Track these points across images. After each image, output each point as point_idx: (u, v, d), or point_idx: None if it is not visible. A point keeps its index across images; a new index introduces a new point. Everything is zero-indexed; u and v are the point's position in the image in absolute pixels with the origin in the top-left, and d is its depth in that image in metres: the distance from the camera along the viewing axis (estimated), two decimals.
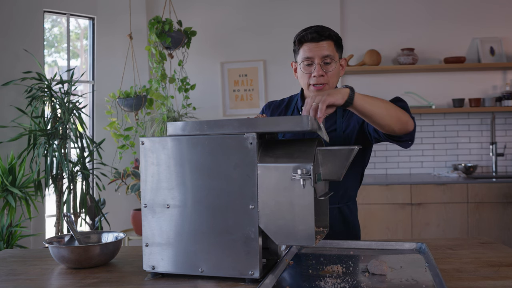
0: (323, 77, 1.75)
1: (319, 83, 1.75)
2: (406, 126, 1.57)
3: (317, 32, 1.74)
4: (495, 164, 4.32)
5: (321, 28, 1.76)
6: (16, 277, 1.40)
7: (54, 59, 4.54)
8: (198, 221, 1.29)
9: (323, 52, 1.74)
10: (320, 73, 1.74)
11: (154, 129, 3.83)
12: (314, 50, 1.74)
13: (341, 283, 1.22)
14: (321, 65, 1.74)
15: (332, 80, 1.77)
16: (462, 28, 4.44)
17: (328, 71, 1.75)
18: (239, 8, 4.53)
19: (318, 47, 1.74)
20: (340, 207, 1.85)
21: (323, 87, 1.76)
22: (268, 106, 2.01)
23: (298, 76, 1.85)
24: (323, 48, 1.74)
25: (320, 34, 1.74)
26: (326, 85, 1.76)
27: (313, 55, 1.74)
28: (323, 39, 1.74)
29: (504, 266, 1.37)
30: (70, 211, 3.56)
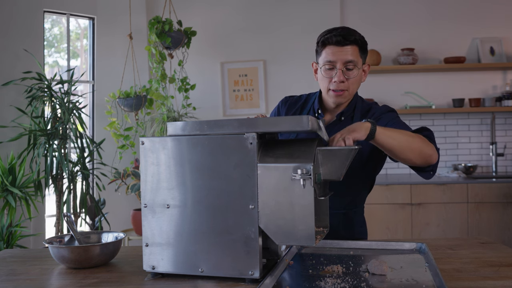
0: (344, 83, 1.69)
1: (339, 89, 1.70)
2: (429, 159, 1.54)
3: (342, 36, 1.65)
4: (495, 164, 4.32)
5: (347, 31, 1.68)
6: (16, 277, 1.40)
7: (55, 59, 4.54)
8: (198, 221, 1.29)
9: (347, 57, 1.66)
10: (341, 79, 1.68)
11: (154, 129, 3.83)
12: (337, 54, 1.66)
13: (341, 283, 1.22)
14: (343, 71, 1.67)
15: (352, 87, 1.71)
16: (462, 28, 4.44)
17: (349, 77, 1.68)
18: (239, 8, 4.53)
19: (342, 51, 1.66)
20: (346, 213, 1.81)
21: (342, 94, 1.71)
22: (284, 102, 1.94)
23: (318, 78, 1.78)
24: (347, 53, 1.66)
25: (345, 38, 1.65)
26: (345, 91, 1.71)
27: (336, 59, 1.67)
28: (348, 43, 1.66)
29: (504, 266, 1.37)
30: (70, 211, 3.56)
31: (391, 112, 1.75)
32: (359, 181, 1.79)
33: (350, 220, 1.83)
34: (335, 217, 1.75)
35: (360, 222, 1.88)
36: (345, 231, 1.80)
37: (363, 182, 1.82)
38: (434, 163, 1.57)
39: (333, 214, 1.73)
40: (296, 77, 4.46)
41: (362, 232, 1.88)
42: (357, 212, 1.86)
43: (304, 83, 4.39)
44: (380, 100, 4.46)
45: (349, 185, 1.70)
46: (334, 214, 1.74)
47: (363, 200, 1.88)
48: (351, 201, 1.82)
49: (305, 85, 4.42)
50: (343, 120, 1.78)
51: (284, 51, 4.45)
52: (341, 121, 1.79)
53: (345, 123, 1.78)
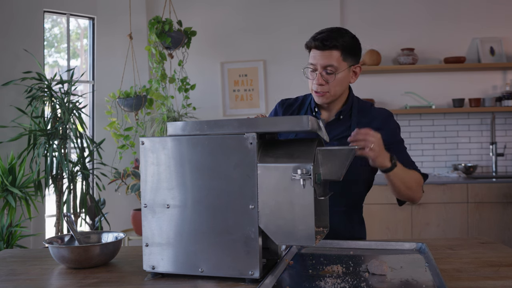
0: (323, 86, 1.72)
1: (320, 91, 1.74)
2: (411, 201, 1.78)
3: (322, 40, 1.69)
4: (495, 164, 4.32)
5: (328, 36, 1.70)
6: (16, 277, 1.40)
7: (55, 59, 4.54)
8: (198, 221, 1.29)
9: (325, 62, 1.69)
10: (320, 82, 1.72)
11: (154, 129, 3.83)
12: (317, 58, 1.71)
13: (341, 283, 1.22)
14: (323, 74, 1.71)
15: (334, 89, 1.74)
16: (462, 28, 4.44)
17: (329, 80, 1.71)
18: (239, 8, 4.53)
19: (321, 55, 1.70)
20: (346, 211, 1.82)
21: (324, 95, 1.74)
22: (281, 104, 1.97)
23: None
24: (326, 58, 1.69)
25: (324, 44, 1.68)
26: (327, 93, 1.74)
27: (316, 62, 1.72)
28: (327, 48, 1.69)
29: (504, 266, 1.37)
30: (70, 211, 3.56)
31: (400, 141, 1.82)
32: (359, 181, 1.81)
33: (350, 219, 1.83)
34: (335, 216, 1.75)
35: (359, 221, 1.89)
36: (345, 230, 1.81)
37: (362, 182, 1.84)
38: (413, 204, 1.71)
39: (333, 212, 1.73)
40: (296, 77, 4.45)
41: (361, 231, 1.89)
42: (356, 211, 1.87)
43: (304, 83, 4.37)
44: (380, 100, 4.46)
45: (349, 185, 1.71)
46: (334, 213, 1.74)
47: (362, 200, 1.90)
48: (351, 201, 1.84)
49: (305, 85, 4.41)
50: (341, 118, 1.82)
51: (284, 51, 4.45)
52: (340, 120, 1.82)
53: (344, 122, 1.81)
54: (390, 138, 1.73)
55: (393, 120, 1.83)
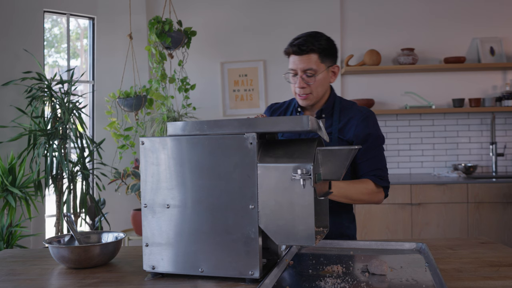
0: (305, 88, 1.80)
1: (303, 93, 1.81)
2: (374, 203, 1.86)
3: (299, 46, 1.77)
4: (495, 164, 4.32)
5: (305, 41, 1.78)
6: (16, 277, 1.40)
7: (55, 59, 4.54)
8: (198, 221, 1.29)
9: (304, 66, 1.78)
10: (302, 85, 1.79)
11: (154, 129, 3.83)
12: (296, 62, 1.79)
13: (341, 283, 1.22)
14: (303, 78, 1.79)
15: (316, 90, 1.81)
16: (462, 28, 4.44)
17: (309, 83, 1.79)
18: (239, 8, 4.53)
19: (300, 60, 1.78)
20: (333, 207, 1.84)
21: (307, 97, 1.82)
22: (269, 108, 2.06)
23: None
24: (305, 62, 1.78)
25: (301, 49, 1.77)
26: (310, 94, 1.82)
27: (295, 67, 1.80)
28: (305, 53, 1.77)
29: (504, 266, 1.37)
30: (70, 211, 3.56)
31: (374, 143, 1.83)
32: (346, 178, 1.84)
33: (338, 216, 1.87)
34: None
35: (349, 218, 1.94)
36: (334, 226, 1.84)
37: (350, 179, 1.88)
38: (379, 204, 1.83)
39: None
40: None
41: (351, 228, 1.93)
42: (345, 208, 1.92)
43: None
44: (380, 100, 4.46)
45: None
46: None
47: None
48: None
49: None
50: (323, 117, 1.89)
51: None
52: (322, 118, 1.89)
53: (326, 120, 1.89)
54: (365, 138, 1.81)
55: (372, 120, 1.87)
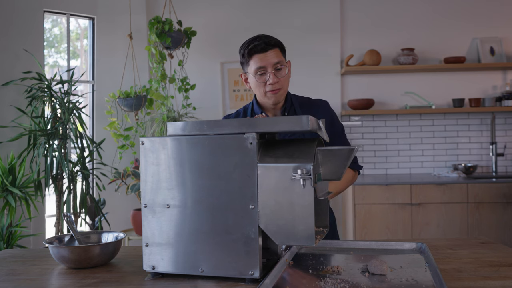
0: (278, 83, 1.84)
1: (275, 89, 1.85)
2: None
3: (265, 43, 1.83)
4: (495, 164, 4.32)
5: (266, 37, 1.86)
6: (16, 277, 1.40)
7: (55, 59, 4.54)
8: (198, 221, 1.29)
9: (274, 60, 1.82)
10: (275, 80, 1.83)
11: (154, 129, 3.83)
12: (264, 59, 1.82)
13: (341, 283, 1.22)
14: (274, 72, 1.83)
15: (285, 84, 1.88)
16: (462, 28, 4.44)
17: (281, 76, 1.85)
18: (239, 8, 4.53)
19: (267, 56, 1.82)
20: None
21: (278, 92, 1.86)
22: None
23: (251, 86, 1.92)
24: (272, 56, 1.83)
25: (267, 44, 1.83)
26: (281, 89, 1.86)
27: (265, 64, 1.82)
28: (271, 47, 1.83)
29: (504, 266, 1.37)
30: (70, 211, 3.56)
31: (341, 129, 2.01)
32: None
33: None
34: None
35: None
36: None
37: None
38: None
39: None
40: (296, 77, 4.45)
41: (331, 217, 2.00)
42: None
43: (304, 83, 4.39)
44: (380, 100, 4.46)
45: None
46: None
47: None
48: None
49: (304, 85, 4.42)
50: (287, 114, 1.94)
51: None
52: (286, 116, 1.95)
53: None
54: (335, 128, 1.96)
55: (332, 110, 2.01)
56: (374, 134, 4.46)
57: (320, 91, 4.26)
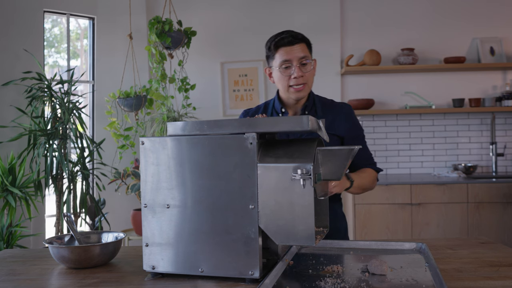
0: (302, 77, 1.83)
1: (299, 84, 1.84)
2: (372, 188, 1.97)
3: (292, 36, 1.83)
4: (495, 164, 4.32)
5: (294, 32, 1.86)
6: (16, 277, 1.40)
7: (55, 59, 4.54)
8: (198, 221, 1.29)
9: (300, 54, 1.82)
10: (300, 74, 1.82)
11: (154, 129, 3.83)
12: (291, 53, 1.82)
13: (341, 283, 1.22)
14: (299, 67, 1.82)
15: (310, 80, 1.87)
16: (462, 28, 4.44)
17: (306, 71, 1.84)
18: (239, 8, 4.53)
19: (294, 49, 1.82)
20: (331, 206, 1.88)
21: (303, 87, 1.85)
22: (245, 114, 2.05)
23: (275, 80, 1.91)
24: (299, 50, 1.83)
25: (294, 38, 1.83)
26: (305, 84, 1.85)
27: (291, 57, 1.82)
28: (298, 41, 1.84)
29: (504, 266, 1.37)
30: (70, 211, 3.56)
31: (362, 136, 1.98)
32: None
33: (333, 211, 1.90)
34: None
35: (341, 215, 1.98)
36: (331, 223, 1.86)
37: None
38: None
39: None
40: None
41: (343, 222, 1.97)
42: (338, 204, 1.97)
43: None
44: (380, 100, 4.46)
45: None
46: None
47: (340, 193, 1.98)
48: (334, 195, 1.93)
49: None
50: (307, 113, 1.92)
51: None
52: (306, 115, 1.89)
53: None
54: (355, 132, 1.94)
55: (355, 115, 1.99)
56: (374, 134, 4.46)
57: (320, 91, 4.23)
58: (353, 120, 1.94)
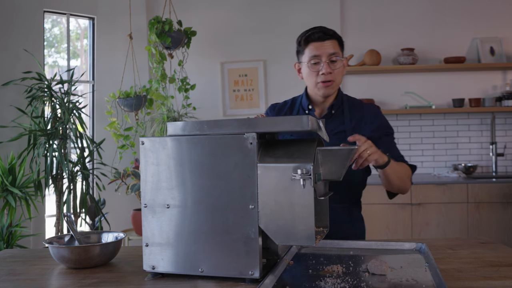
0: (331, 74, 1.80)
1: (327, 80, 1.81)
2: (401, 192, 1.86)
3: (323, 32, 1.80)
4: (495, 164, 4.32)
5: (325, 28, 1.83)
6: (16, 277, 1.40)
7: (55, 59, 4.54)
8: (198, 221, 1.29)
9: (330, 50, 1.79)
10: (328, 70, 1.79)
11: (154, 129, 3.83)
12: (320, 48, 1.79)
13: (341, 283, 1.22)
14: (328, 63, 1.79)
15: (338, 78, 1.84)
16: (462, 28, 4.44)
17: (335, 68, 1.81)
18: (239, 8, 4.53)
19: (324, 45, 1.79)
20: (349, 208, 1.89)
21: (330, 84, 1.82)
22: (272, 109, 2.03)
23: (303, 76, 1.89)
24: (329, 46, 1.79)
25: (325, 33, 1.80)
26: (333, 82, 1.82)
27: (320, 53, 1.79)
28: (328, 38, 1.80)
29: (504, 266, 1.37)
30: (70, 211, 3.56)
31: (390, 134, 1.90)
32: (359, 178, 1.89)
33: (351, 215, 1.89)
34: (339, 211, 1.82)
35: (360, 217, 1.96)
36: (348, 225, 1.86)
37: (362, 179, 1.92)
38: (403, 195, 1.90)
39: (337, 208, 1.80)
40: (296, 77, 4.45)
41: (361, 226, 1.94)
42: (357, 208, 1.94)
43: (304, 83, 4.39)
44: (380, 100, 4.46)
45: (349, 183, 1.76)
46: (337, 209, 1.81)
47: (360, 195, 1.97)
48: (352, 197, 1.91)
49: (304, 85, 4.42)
50: (333, 113, 1.89)
51: (284, 51, 4.45)
52: (333, 114, 1.90)
53: (336, 116, 1.89)
54: (381, 131, 1.87)
55: (383, 115, 1.94)
56: None
57: None
58: (380, 120, 1.89)
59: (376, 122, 1.87)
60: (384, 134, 1.86)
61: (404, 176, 1.77)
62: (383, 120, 1.90)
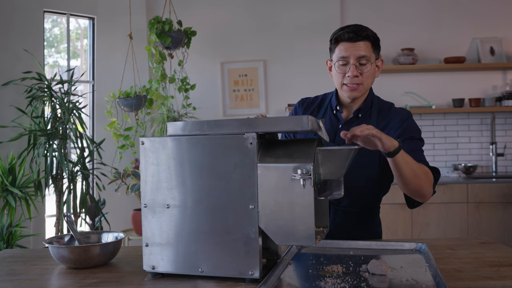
0: (358, 77, 1.72)
1: (353, 83, 1.73)
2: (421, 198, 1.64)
3: (354, 32, 1.70)
4: (495, 164, 4.32)
5: (359, 28, 1.73)
6: (16, 277, 1.40)
7: (55, 59, 4.54)
8: (198, 221, 1.29)
9: (359, 53, 1.70)
10: (355, 73, 1.71)
11: (154, 129, 3.83)
12: (350, 49, 1.71)
13: (341, 283, 1.22)
14: (356, 66, 1.71)
15: (367, 81, 1.75)
16: (462, 28, 4.44)
17: (363, 72, 1.72)
18: (239, 8, 4.53)
19: (354, 47, 1.71)
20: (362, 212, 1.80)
21: (357, 88, 1.74)
22: (301, 104, 1.95)
23: (332, 75, 1.82)
24: (360, 48, 1.71)
25: (357, 34, 1.70)
26: (360, 85, 1.74)
27: (348, 54, 1.71)
28: (360, 39, 1.71)
29: (504, 266, 1.37)
30: (70, 211, 3.56)
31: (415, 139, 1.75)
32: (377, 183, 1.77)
33: (366, 219, 1.82)
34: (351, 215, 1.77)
35: (376, 222, 1.88)
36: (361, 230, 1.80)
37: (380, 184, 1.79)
38: (423, 202, 1.67)
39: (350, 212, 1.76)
40: (296, 77, 4.46)
41: (378, 232, 1.87)
42: (374, 212, 1.86)
43: (304, 83, 4.40)
44: None
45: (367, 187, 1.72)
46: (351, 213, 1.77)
47: (379, 200, 1.87)
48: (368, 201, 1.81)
49: (305, 85, 4.42)
50: (360, 117, 1.80)
51: (284, 51, 4.45)
52: (359, 118, 1.80)
53: (363, 120, 1.79)
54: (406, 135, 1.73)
55: (412, 121, 1.80)
56: None
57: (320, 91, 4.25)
58: (407, 124, 1.76)
59: (400, 128, 1.74)
60: (408, 138, 1.73)
61: (421, 175, 1.57)
62: (409, 126, 1.77)
